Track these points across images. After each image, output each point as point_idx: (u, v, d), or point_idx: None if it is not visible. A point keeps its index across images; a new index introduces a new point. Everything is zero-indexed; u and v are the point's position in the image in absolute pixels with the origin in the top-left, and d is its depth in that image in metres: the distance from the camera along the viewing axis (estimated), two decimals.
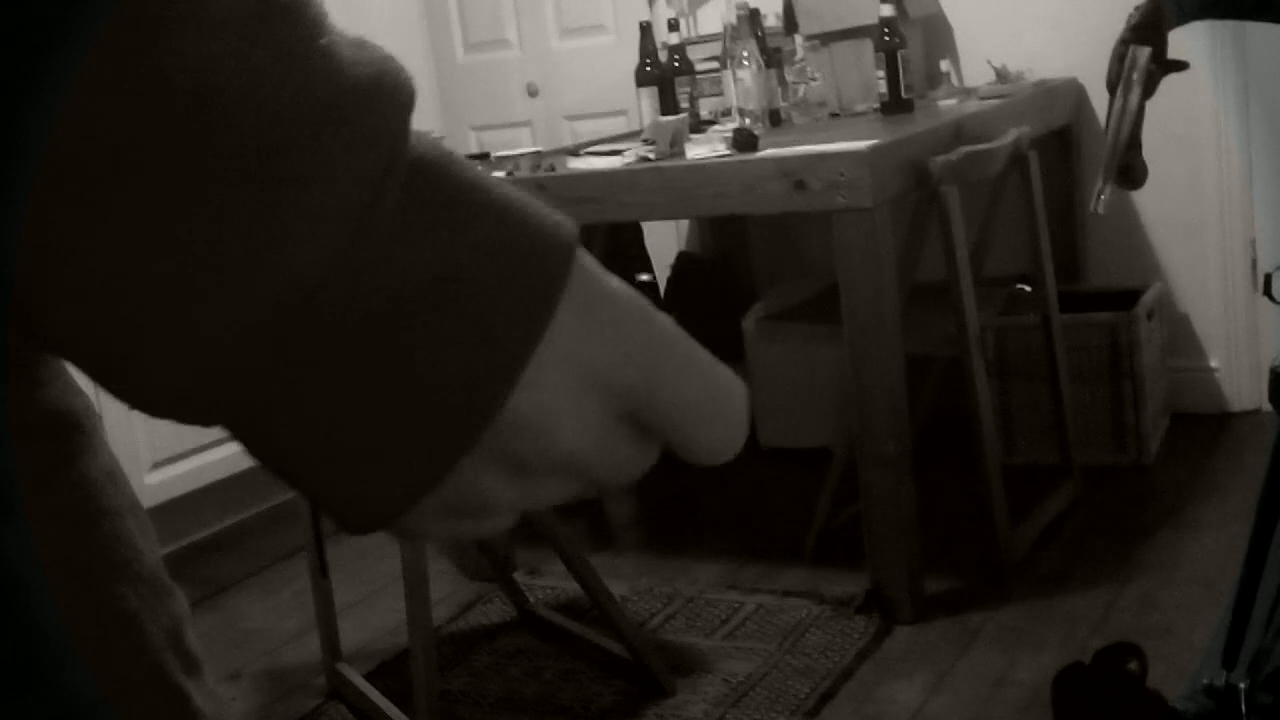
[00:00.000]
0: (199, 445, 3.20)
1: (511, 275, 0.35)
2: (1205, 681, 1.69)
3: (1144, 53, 1.70)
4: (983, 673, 2.25)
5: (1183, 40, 1.68)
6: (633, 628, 2.33)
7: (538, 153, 2.78)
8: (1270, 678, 1.63)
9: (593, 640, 2.46)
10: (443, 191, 0.35)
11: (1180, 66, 1.75)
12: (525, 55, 4.11)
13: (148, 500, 2.88)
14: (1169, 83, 1.77)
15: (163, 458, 3.11)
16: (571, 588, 2.55)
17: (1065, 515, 2.84)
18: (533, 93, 4.11)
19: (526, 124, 4.14)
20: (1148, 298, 3.12)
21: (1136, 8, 1.74)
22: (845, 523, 2.69)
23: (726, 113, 3.14)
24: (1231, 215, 3.24)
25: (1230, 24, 2.93)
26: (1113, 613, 2.40)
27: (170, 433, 3.11)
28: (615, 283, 0.38)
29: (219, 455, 3.25)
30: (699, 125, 3.09)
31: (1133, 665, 1.92)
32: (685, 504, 3.25)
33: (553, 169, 2.66)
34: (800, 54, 3.10)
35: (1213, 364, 3.34)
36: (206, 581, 3.03)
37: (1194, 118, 3.18)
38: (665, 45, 3.26)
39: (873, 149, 2.33)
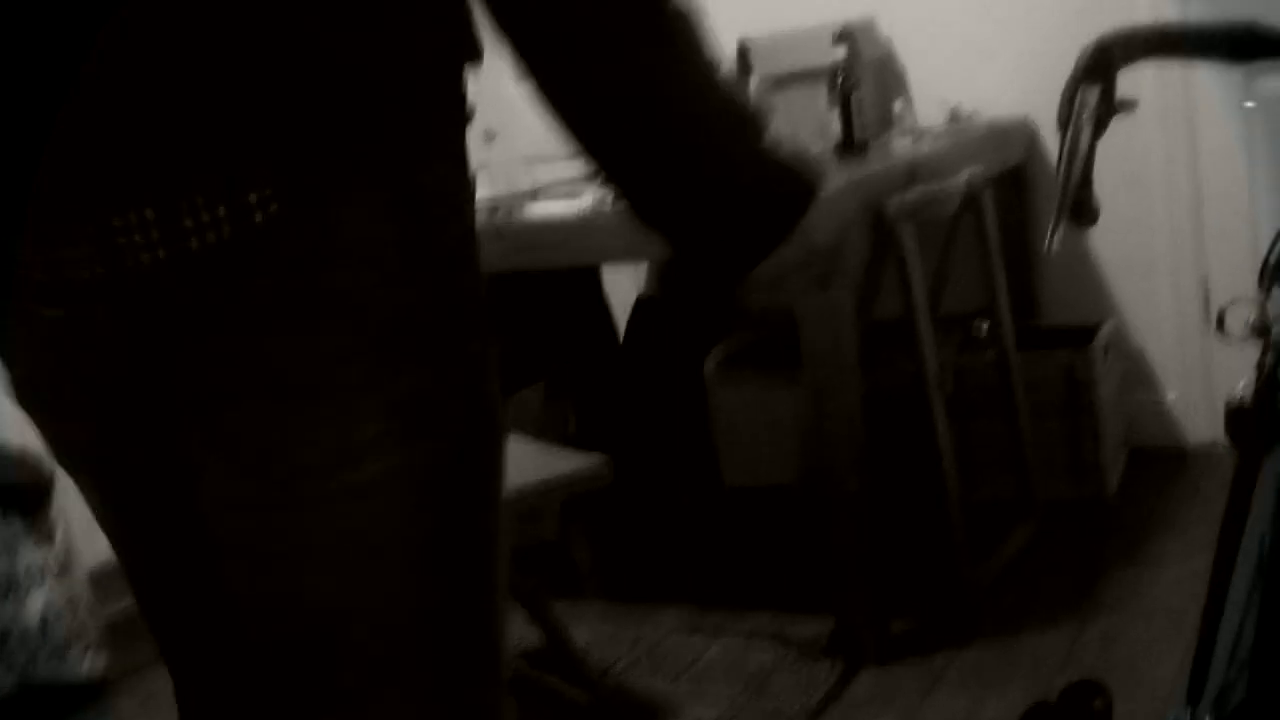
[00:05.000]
0: None
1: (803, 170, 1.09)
2: (1171, 718, 1.69)
3: (1094, 92, 1.71)
4: (949, 714, 2.24)
5: (1130, 80, 1.70)
6: (596, 675, 2.31)
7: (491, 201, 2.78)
8: (1235, 713, 1.63)
9: (555, 688, 2.44)
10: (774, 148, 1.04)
11: (1129, 106, 1.77)
12: (481, 100, 4.10)
13: None
14: (1119, 122, 1.78)
15: None
16: (533, 635, 2.53)
17: (1027, 551, 2.84)
18: (490, 137, 4.11)
19: (484, 168, 4.13)
20: (1103, 334, 3.14)
21: (1086, 48, 1.76)
22: (809, 563, 2.68)
23: None
24: (1181, 251, 3.28)
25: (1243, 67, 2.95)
26: (1076, 649, 2.39)
27: None
28: None
29: None
30: None
31: (1098, 703, 1.92)
32: (647, 547, 3.22)
33: (510, 214, 2.66)
34: (754, 97, 3.12)
35: (1169, 398, 3.37)
36: None
37: (1144, 157, 3.22)
38: None
39: (828, 191, 2.34)
